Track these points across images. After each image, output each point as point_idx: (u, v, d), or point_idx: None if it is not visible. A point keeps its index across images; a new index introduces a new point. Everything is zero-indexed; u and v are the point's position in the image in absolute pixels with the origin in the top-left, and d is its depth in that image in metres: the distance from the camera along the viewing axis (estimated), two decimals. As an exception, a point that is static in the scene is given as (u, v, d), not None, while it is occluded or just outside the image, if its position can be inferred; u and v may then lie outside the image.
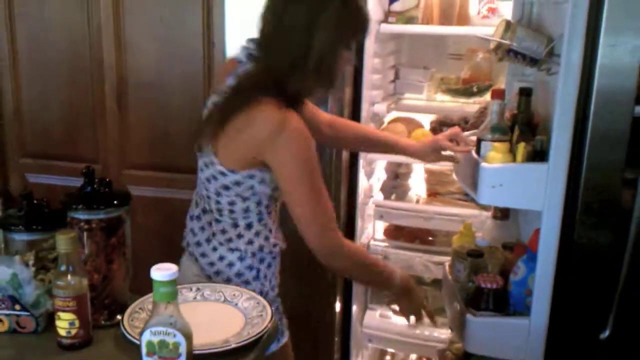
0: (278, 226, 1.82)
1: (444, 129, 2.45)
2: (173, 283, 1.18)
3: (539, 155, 1.76)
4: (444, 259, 2.30)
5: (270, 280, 1.79)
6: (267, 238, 1.76)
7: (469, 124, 2.42)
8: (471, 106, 2.53)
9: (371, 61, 2.49)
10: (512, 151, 1.80)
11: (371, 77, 2.52)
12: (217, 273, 1.74)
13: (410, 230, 2.69)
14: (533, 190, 1.74)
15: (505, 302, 1.87)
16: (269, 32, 1.61)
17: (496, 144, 1.80)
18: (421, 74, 2.76)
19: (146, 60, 2.70)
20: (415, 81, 2.77)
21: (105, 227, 1.42)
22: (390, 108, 2.68)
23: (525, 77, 2.10)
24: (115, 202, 1.43)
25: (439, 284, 2.48)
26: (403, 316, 1.95)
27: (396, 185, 2.76)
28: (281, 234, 1.84)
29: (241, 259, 1.73)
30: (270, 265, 1.78)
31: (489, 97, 2.16)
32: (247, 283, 1.73)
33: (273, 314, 1.44)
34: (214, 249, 1.74)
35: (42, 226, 1.44)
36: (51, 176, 2.89)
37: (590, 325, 1.80)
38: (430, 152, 2.05)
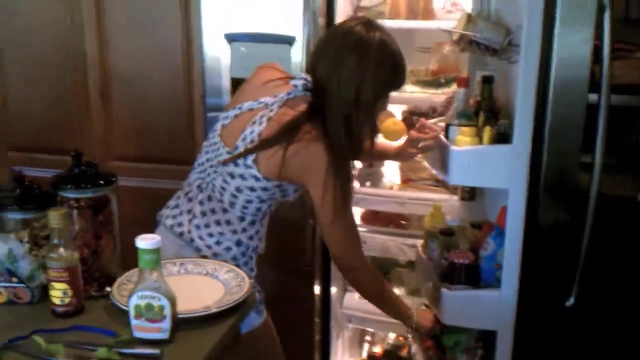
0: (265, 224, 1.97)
1: (414, 118, 2.58)
2: (156, 251, 1.30)
3: (502, 137, 1.89)
4: (417, 241, 2.41)
5: (253, 265, 1.92)
6: (261, 239, 1.92)
7: (436, 112, 2.54)
8: (439, 96, 2.64)
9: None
10: (478, 135, 1.93)
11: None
12: (215, 255, 1.84)
13: (385, 215, 2.81)
14: (499, 170, 1.87)
15: (477, 276, 2.00)
16: (323, 74, 1.77)
17: (463, 128, 1.93)
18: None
19: (128, 55, 2.81)
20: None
21: (93, 205, 1.53)
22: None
23: (486, 66, 2.22)
24: (102, 182, 1.54)
25: (413, 266, 2.60)
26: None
27: (371, 172, 2.87)
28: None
29: (238, 243, 1.86)
30: (255, 250, 1.92)
31: (456, 88, 2.28)
32: (238, 267, 1.81)
33: (251, 284, 1.55)
34: (211, 234, 1.84)
35: (34, 205, 1.54)
36: (38, 169, 2.97)
37: (556, 294, 1.92)
38: (410, 149, 2.18)
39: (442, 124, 2.12)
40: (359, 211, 2.93)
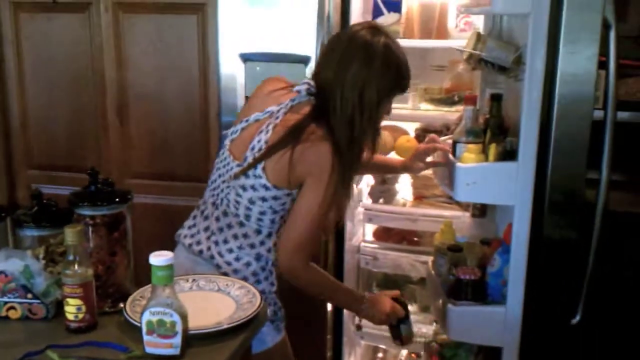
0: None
1: (427, 136, 2.60)
2: (169, 267, 1.33)
3: (509, 154, 1.91)
4: (429, 258, 2.42)
5: (273, 280, 1.92)
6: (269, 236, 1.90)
7: (450, 130, 2.56)
8: (453, 114, 2.67)
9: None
10: (485, 152, 1.95)
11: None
12: (235, 272, 1.85)
13: (398, 231, 2.83)
14: (504, 186, 1.88)
15: (483, 292, 2.01)
16: (327, 79, 1.79)
17: (470, 145, 1.95)
18: (406, 85, 2.90)
19: (145, 75, 2.86)
20: (400, 92, 2.91)
21: (108, 222, 1.56)
22: (378, 117, 2.83)
23: (496, 84, 2.24)
24: (117, 200, 1.57)
25: (425, 282, 2.61)
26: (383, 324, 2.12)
27: (384, 189, 2.90)
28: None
29: (258, 258, 1.87)
30: (274, 265, 1.91)
31: (467, 105, 2.30)
32: (259, 282, 1.86)
33: (262, 300, 1.58)
34: (230, 250, 1.86)
35: (50, 223, 1.58)
36: (57, 187, 3.01)
37: (561, 311, 1.93)
38: (417, 163, 2.21)
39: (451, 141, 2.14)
40: (371, 228, 2.95)
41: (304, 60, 2.40)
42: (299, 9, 2.40)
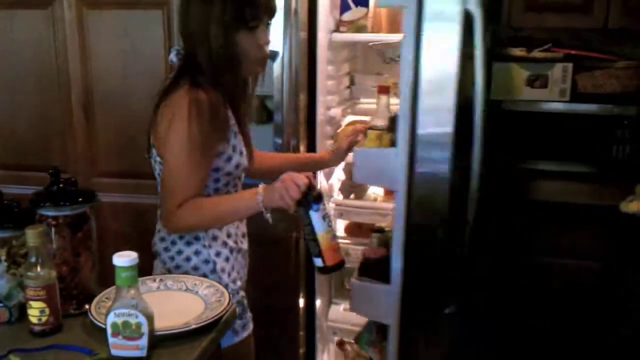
0: (239, 223, 1.93)
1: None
2: (133, 268, 1.30)
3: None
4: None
5: (228, 274, 1.85)
6: (220, 229, 1.84)
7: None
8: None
9: (325, 68, 2.63)
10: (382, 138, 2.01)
11: (326, 83, 2.66)
12: (177, 267, 1.84)
13: (369, 226, 2.82)
14: (385, 171, 1.91)
15: (387, 271, 1.99)
16: (180, 31, 1.77)
17: (370, 132, 2.02)
18: (374, 79, 2.90)
19: (111, 71, 2.82)
20: (369, 87, 2.91)
21: (72, 222, 1.52)
22: (347, 112, 2.83)
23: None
24: (80, 199, 1.54)
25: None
26: (285, 206, 1.72)
27: (354, 185, 2.89)
28: (241, 230, 1.94)
29: (197, 253, 1.83)
30: (228, 259, 1.86)
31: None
32: (205, 276, 1.78)
33: (230, 299, 1.56)
34: (173, 242, 1.84)
35: (12, 224, 1.54)
36: (24, 187, 2.92)
37: (436, 299, 1.98)
38: (344, 154, 2.19)
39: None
40: (342, 223, 2.94)
41: (272, 55, 2.38)
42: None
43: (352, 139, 2.13)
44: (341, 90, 2.90)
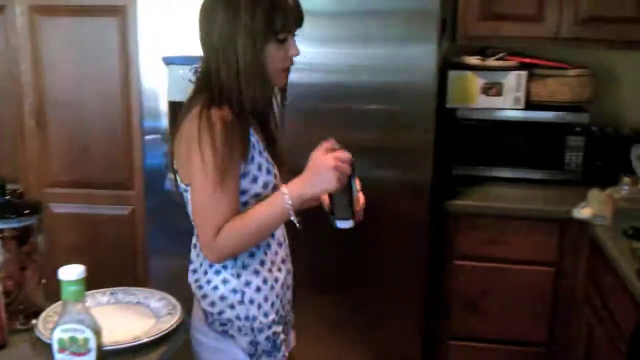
0: (278, 248, 1.70)
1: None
2: (80, 282, 1.27)
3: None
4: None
5: (258, 306, 1.63)
6: (252, 256, 1.64)
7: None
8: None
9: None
10: None
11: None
12: (204, 296, 1.62)
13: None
14: None
15: None
16: (202, 45, 1.60)
17: None
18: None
19: (64, 79, 2.77)
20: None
21: (18, 235, 1.49)
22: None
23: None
24: (27, 212, 1.50)
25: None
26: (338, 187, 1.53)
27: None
28: (280, 256, 1.71)
29: (224, 281, 1.62)
30: (259, 289, 1.64)
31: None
32: (232, 307, 1.61)
33: (182, 312, 1.53)
34: (204, 272, 1.63)
35: (-44, 238, 1.49)
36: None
37: None
38: None
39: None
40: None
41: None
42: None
43: None
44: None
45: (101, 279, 1.72)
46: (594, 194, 2.38)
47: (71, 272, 1.26)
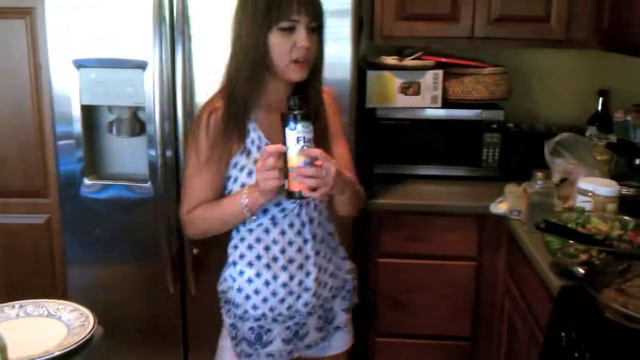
0: (288, 247, 1.74)
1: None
2: (-19, 297, 1.21)
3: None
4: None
5: (248, 296, 1.75)
6: (249, 248, 1.74)
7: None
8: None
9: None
10: None
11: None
12: (239, 290, 1.76)
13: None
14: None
15: None
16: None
17: None
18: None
19: (-29, 84, 2.64)
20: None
21: None
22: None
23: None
24: None
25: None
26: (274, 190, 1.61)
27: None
28: (290, 259, 1.74)
29: (229, 265, 1.81)
30: (250, 281, 1.74)
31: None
32: (229, 289, 1.79)
33: (95, 323, 1.48)
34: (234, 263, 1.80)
35: None
36: None
37: None
38: None
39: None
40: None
41: (141, 65, 2.30)
42: (135, 12, 2.29)
43: None
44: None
45: (18, 289, 1.66)
46: (511, 188, 2.44)
47: (-29, 287, 1.20)
